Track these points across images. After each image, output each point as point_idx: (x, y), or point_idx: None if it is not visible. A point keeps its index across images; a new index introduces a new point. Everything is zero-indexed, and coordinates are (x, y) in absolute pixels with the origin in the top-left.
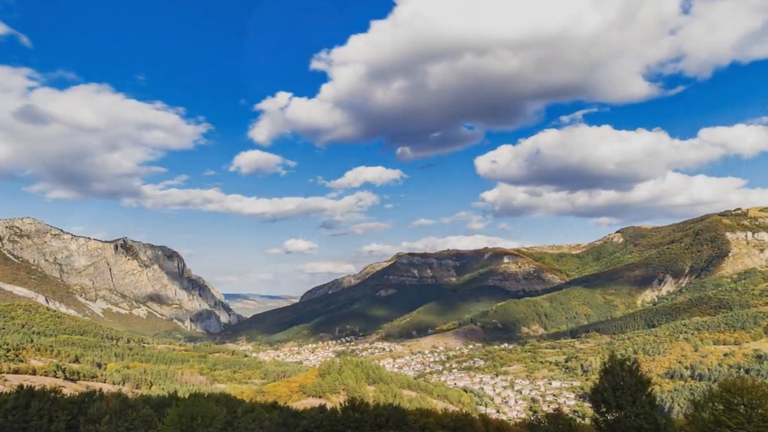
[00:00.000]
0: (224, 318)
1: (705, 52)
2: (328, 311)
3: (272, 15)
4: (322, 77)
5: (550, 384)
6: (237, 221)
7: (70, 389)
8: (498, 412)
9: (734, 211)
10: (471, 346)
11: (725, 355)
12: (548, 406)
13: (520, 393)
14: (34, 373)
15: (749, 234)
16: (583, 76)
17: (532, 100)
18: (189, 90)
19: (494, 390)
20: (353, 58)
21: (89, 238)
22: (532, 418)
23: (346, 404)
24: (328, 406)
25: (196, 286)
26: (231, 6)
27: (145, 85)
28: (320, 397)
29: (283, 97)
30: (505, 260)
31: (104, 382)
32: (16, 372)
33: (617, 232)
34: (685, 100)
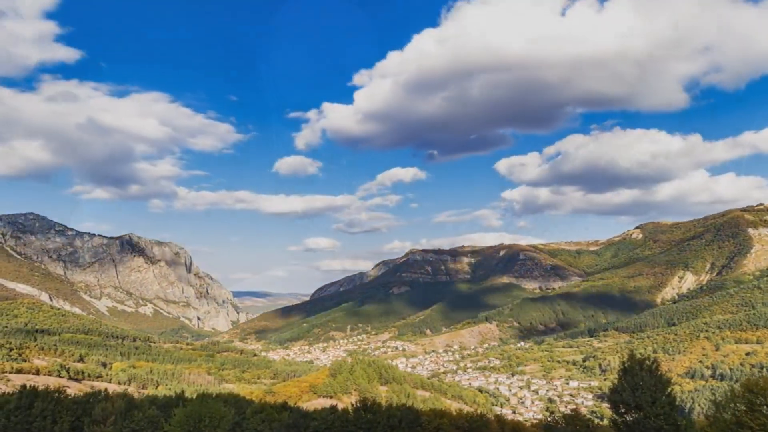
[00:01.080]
0: (233, 316)
1: (740, 63)
2: (340, 309)
3: (318, 31)
4: (361, 88)
5: (568, 384)
6: (264, 220)
7: (74, 389)
8: (514, 412)
9: (756, 206)
10: (486, 345)
11: (747, 354)
12: (565, 407)
13: (537, 393)
14: (37, 372)
15: None
16: (626, 89)
17: (570, 107)
18: (237, 99)
19: (510, 390)
20: (392, 71)
21: (94, 235)
22: (549, 419)
23: (358, 405)
24: (340, 406)
25: (204, 283)
26: (280, 26)
27: (201, 96)
28: (331, 397)
29: (326, 107)
30: (521, 257)
31: (109, 382)
32: (19, 372)
33: (636, 227)
34: (719, 107)
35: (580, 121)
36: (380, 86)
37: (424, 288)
